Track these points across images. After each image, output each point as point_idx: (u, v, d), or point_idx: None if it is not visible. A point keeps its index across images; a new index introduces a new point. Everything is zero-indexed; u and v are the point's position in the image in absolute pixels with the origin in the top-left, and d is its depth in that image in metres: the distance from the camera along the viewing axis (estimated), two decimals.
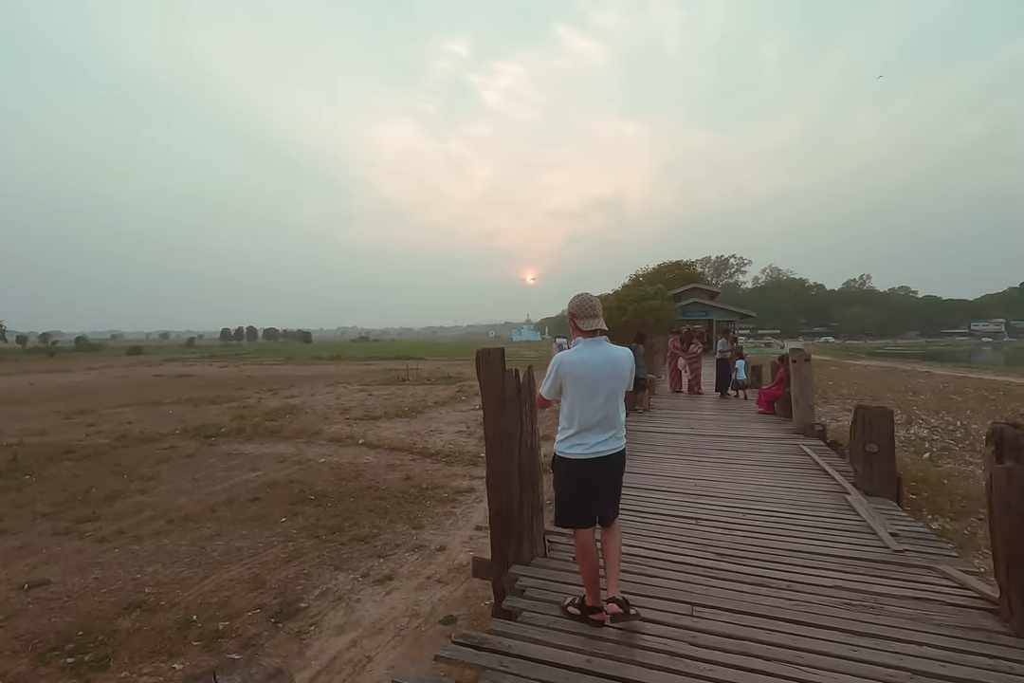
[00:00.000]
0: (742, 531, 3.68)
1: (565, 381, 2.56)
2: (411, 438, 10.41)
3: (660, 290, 29.20)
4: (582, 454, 2.54)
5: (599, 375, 2.53)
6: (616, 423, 2.60)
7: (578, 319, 2.60)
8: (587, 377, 2.53)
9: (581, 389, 2.53)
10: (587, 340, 2.59)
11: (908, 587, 2.86)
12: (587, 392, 2.53)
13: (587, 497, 2.61)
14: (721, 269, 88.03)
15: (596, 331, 2.59)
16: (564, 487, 2.64)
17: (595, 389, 2.53)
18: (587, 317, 2.57)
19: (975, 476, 7.26)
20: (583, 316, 2.58)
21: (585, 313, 2.58)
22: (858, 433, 4.69)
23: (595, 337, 2.59)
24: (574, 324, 2.63)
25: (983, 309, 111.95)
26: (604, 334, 2.65)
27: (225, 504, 6.44)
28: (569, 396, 2.57)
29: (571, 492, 2.61)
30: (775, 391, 8.57)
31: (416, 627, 3.80)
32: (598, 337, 2.61)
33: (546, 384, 2.65)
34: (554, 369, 2.58)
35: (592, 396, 2.53)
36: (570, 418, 2.57)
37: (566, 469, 2.60)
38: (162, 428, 11.78)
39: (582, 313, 2.58)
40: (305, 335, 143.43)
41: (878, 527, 3.68)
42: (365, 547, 5.16)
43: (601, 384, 2.53)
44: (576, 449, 2.55)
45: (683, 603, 2.68)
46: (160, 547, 5.20)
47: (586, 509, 2.62)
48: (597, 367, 2.53)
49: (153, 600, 4.16)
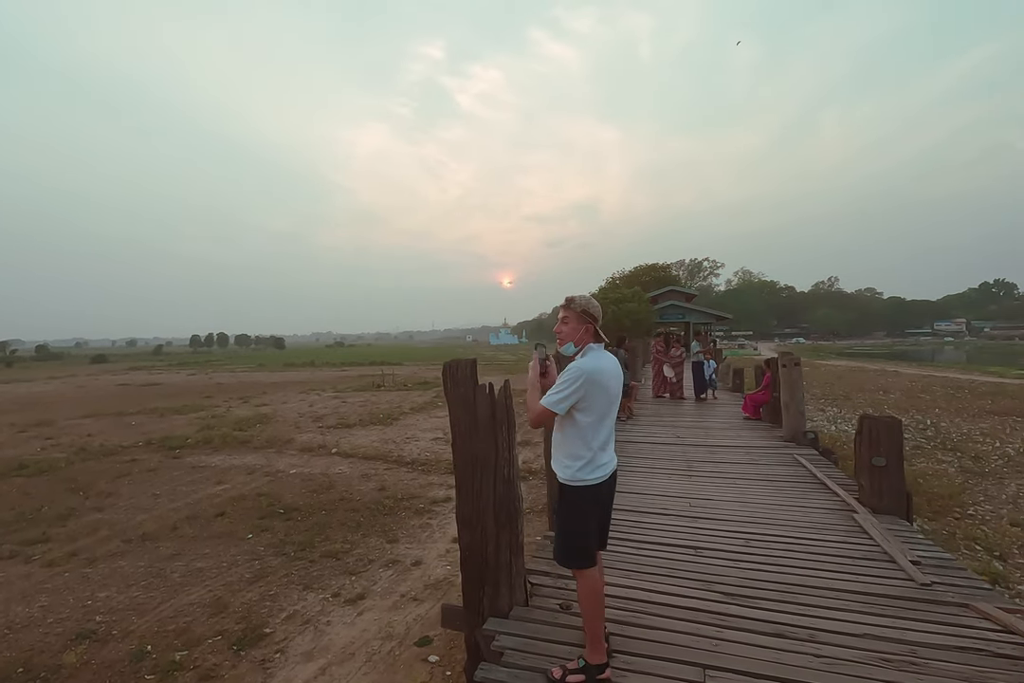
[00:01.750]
0: (749, 563, 3.33)
1: (591, 394, 2.21)
2: (386, 446, 10.14)
3: (638, 292, 29.39)
4: (602, 477, 2.28)
5: (615, 385, 2.32)
6: (613, 432, 2.41)
7: (597, 326, 2.34)
8: (612, 388, 2.28)
9: (604, 404, 2.26)
10: (598, 346, 2.35)
11: (946, 633, 2.51)
12: (608, 406, 2.29)
13: (595, 526, 2.36)
14: (695, 272, 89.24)
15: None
16: (580, 520, 2.30)
17: (614, 402, 2.32)
18: (599, 322, 2.37)
19: (948, 475, 7.35)
20: (600, 319, 2.36)
21: (600, 317, 2.36)
22: (864, 445, 4.31)
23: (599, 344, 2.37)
24: (589, 325, 2.32)
25: (945, 309, 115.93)
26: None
27: (188, 521, 6.11)
28: (592, 412, 2.24)
29: (588, 524, 2.31)
30: (761, 396, 8.46)
31: (390, 651, 3.58)
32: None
33: (558, 396, 2.20)
34: (579, 380, 2.17)
35: (611, 411, 2.32)
36: (588, 438, 2.26)
37: (587, 498, 2.29)
38: (124, 440, 11.27)
39: (597, 319, 2.35)
40: (278, 341, 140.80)
41: (896, 554, 3.36)
42: (336, 564, 4.92)
43: (617, 395, 2.33)
44: (597, 473, 2.27)
45: (692, 665, 2.30)
46: (115, 570, 4.88)
47: (594, 542, 2.36)
48: (611, 375, 2.30)
49: (104, 629, 3.87)
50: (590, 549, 2.32)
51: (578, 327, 2.33)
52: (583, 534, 2.30)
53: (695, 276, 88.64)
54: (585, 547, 2.31)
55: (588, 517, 2.31)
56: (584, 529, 2.31)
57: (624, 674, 2.27)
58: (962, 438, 9.63)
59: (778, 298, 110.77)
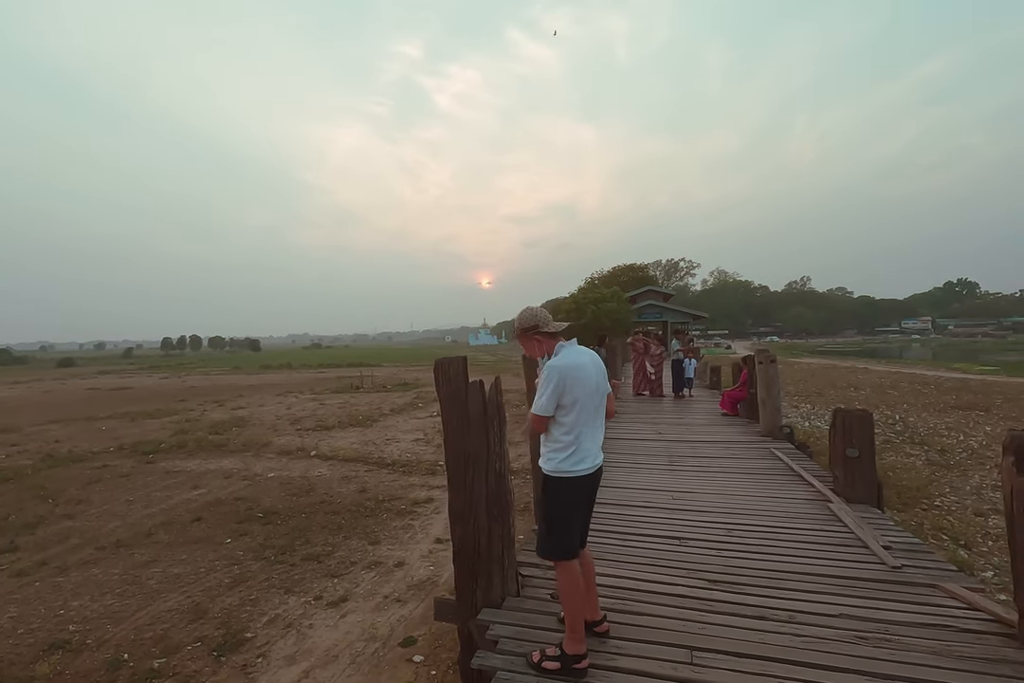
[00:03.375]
0: (731, 551, 3.45)
1: (570, 389, 2.27)
2: (366, 448, 10.06)
3: (616, 292, 29.64)
4: (585, 470, 2.32)
5: (595, 378, 2.36)
6: (602, 429, 2.45)
7: (542, 326, 2.40)
8: (590, 381, 2.32)
9: (584, 395, 2.30)
10: (566, 343, 2.41)
11: (917, 611, 2.66)
12: (590, 398, 2.33)
13: (578, 520, 2.40)
14: (672, 272, 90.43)
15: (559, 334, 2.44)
16: (563, 512, 2.35)
17: (595, 394, 2.36)
18: (548, 321, 2.42)
19: (916, 468, 7.59)
20: (545, 321, 2.41)
21: (544, 319, 2.41)
22: (837, 437, 4.49)
23: (565, 339, 2.43)
24: (536, 335, 2.40)
25: (912, 308, 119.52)
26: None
27: (163, 526, 5.98)
28: (573, 407, 2.29)
29: (571, 517, 2.35)
30: (738, 393, 8.64)
31: (374, 652, 3.57)
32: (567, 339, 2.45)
33: (542, 400, 2.28)
34: (554, 379, 2.25)
35: (593, 403, 2.35)
36: (572, 431, 2.30)
37: (570, 490, 2.33)
38: (94, 446, 10.96)
39: (543, 319, 2.41)
40: (253, 343, 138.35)
41: (869, 540, 3.52)
42: (318, 567, 4.87)
43: (598, 388, 2.37)
44: (581, 466, 2.30)
45: (680, 647, 2.40)
46: (88, 578, 4.75)
47: (576, 535, 2.40)
48: (589, 369, 2.35)
49: (78, 639, 3.77)
50: (572, 541, 2.36)
51: (529, 342, 2.44)
52: (565, 526, 2.35)
53: (672, 276, 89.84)
54: (567, 539, 2.35)
55: (570, 509, 2.35)
56: (566, 521, 2.35)
57: (615, 657, 2.35)
58: (929, 432, 9.96)
59: (753, 297, 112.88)
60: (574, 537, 2.38)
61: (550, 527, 2.37)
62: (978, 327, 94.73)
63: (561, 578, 2.35)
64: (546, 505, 2.38)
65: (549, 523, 2.38)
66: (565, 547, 2.35)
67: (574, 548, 2.37)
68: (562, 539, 2.35)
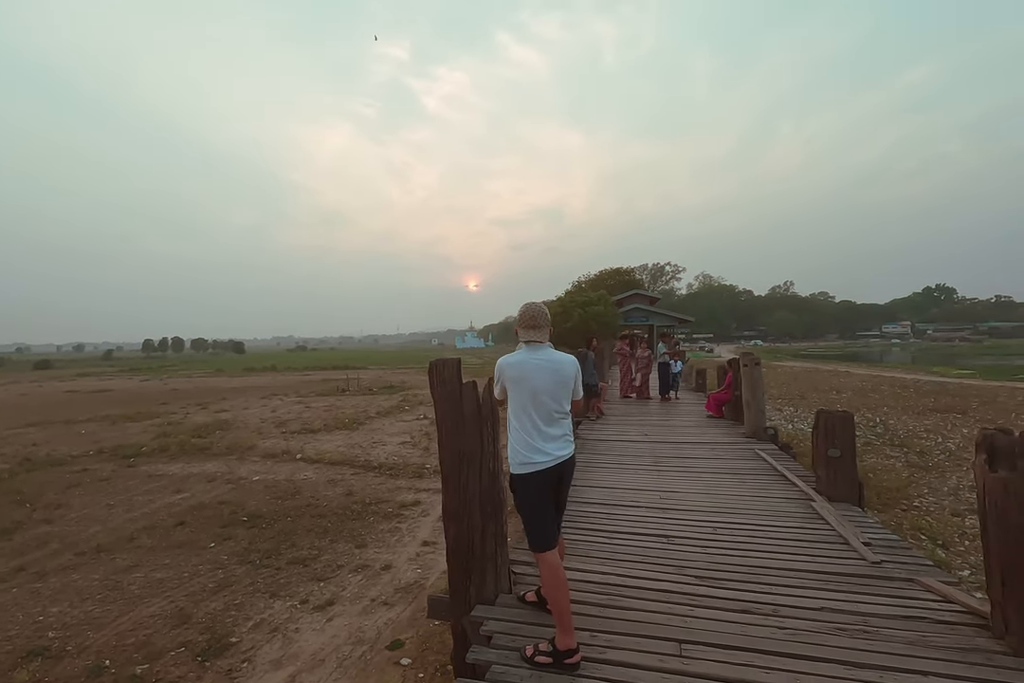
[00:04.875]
0: (716, 548, 3.53)
1: (509, 386, 2.51)
2: (352, 451, 10.00)
3: (603, 296, 29.77)
4: (540, 466, 2.42)
5: (542, 377, 2.47)
6: (565, 428, 2.54)
7: (519, 328, 2.59)
8: (530, 380, 2.46)
9: (520, 393, 2.47)
10: (528, 345, 2.56)
11: (894, 604, 2.75)
12: (529, 397, 2.46)
13: (550, 512, 2.50)
14: (658, 276, 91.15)
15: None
16: (532, 506, 2.48)
17: (538, 394, 2.46)
18: (526, 328, 2.56)
19: (896, 469, 7.74)
20: (523, 326, 2.58)
21: (524, 323, 2.57)
22: (820, 438, 4.59)
23: (537, 344, 2.56)
24: (518, 331, 2.61)
25: (892, 312, 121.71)
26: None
27: (145, 531, 5.89)
28: (514, 402, 2.50)
29: (538, 511, 2.47)
30: (723, 395, 8.74)
31: (361, 655, 3.56)
32: (542, 344, 2.57)
33: (496, 387, 2.62)
34: (497, 372, 2.56)
35: (533, 401, 2.46)
36: (519, 428, 2.47)
37: (530, 485, 2.46)
38: (73, 449, 10.76)
39: (522, 323, 2.58)
40: (237, 345, 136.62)
41: (850, 537, 3.61)
42: (304, 570, 4.84)
43: (544, 386, 2.47)
44: (536, 461, 2.41)
45: (668, 640, 2.46)
46: (67, 584, 4.67)
47: (551, 526, 2.49)
48: (538, 370, 2.47)
49: (58, 645, 3.71)
50: (546, 533, 2.46)
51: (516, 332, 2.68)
52: (537, 519, 2.46)
53: (658, 280, 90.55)
54: (541, 531, 2.46)
55: (536, 503, 2.46)
56: (536, 515, 2.47)
57: (605, 650, 2.40)
58: (908, 434, 10.16)
59: (737, 301, 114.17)
60: (547, 529, 2.47)
61: (527, 522, 2.50)
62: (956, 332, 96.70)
63: (542, 570, 2.46)
64: (516, 503, 2.54)
65: (525, 519, 2.51)
66: (541, 539, 2.45)
67: (548, 540, 2.46)
68: (537, 531, 2.46)
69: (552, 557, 2.43)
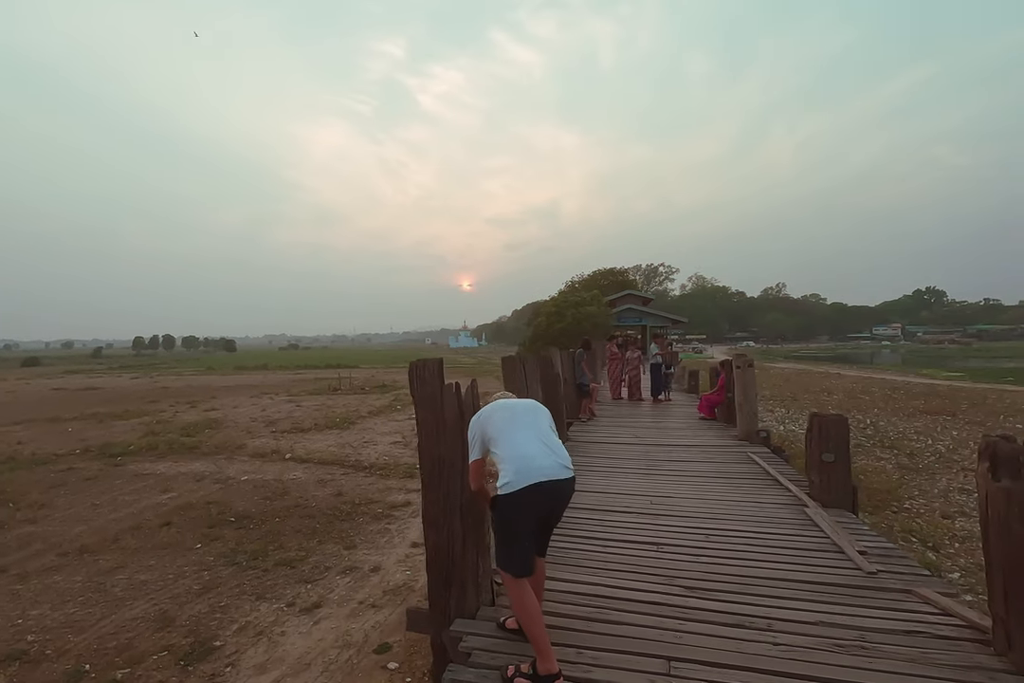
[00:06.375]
0: (708, 557, 3.41)
1: (488, 427, 2.47)
2: (343, 451, 9.93)
3: (596, 296, 29.80)
4: (520, 484, 2.26)
5: (518, 406, 2.60)
6: (557, 450, 2.43)
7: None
8: (510, 410, 2.54)
9: (508, 421, 2.48)
10: (500, 395, 2.81)
11: (892, 618, 2.65)
12: (510, 421, 2.48)
13: (524, 537, 2.35)
14: (651, 277, 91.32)
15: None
16: (507, 528, 2.34)
17: (519, 416, 2.52)
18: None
19: (886, 471, 7.77)
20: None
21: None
22: (814, 442, 4.50)
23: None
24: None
25: (883, 315, 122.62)
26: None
27: (130, 531, 5.80)
28: (500, 436, 2.43)
29: (512, 533, 2.33)
30: (716, 397, 8.71)
31: (348, 659, 3.50)
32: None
33: (470, 449, 2.54)
34: (472, 426, 2.55)
35: (523, 424, 2.48)
36: (507, 454, 2.36)
37: (510, 506, 2.30)
38: (59, 448, 10.61)
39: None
40: (229, 343, 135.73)
41: (845, 545, 3.52)
42: (291, 572, 4.77)
43: (526, 415, 2.54)
44: (518, 481, 2.26)
45: (658, 658, 2.33)
46: (49, 586, 4.58)
47: (522, 551, 2.34)
48: (514, 406, 2.59)
49: (37, 649, 3.62)
50: (517, 556, 2.31)
51: None
52: (510, 541, 2.33)
53: (651, 281, 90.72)
54: (511, 553, 2.32)
55: (513, 525, 2.32)
56: (510, 536, 2.34)
57: (591, 669, 2.28)
58: (898, 436, 10.21)
59: (730, 303, 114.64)
60: (520, 552, 2.32)
61: (498, 542, 2.42)
62: (945, 334, 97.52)
63: (509, 594, 2.34)
64: (494, 521, 2.45)
65: (497, 538, 2.44)
66: (510, 561, 2.32)
67: (521, 564, 2.31)
68: (507, 553, 2.34)
69: (522, 584, 2.30)
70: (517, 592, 2.27)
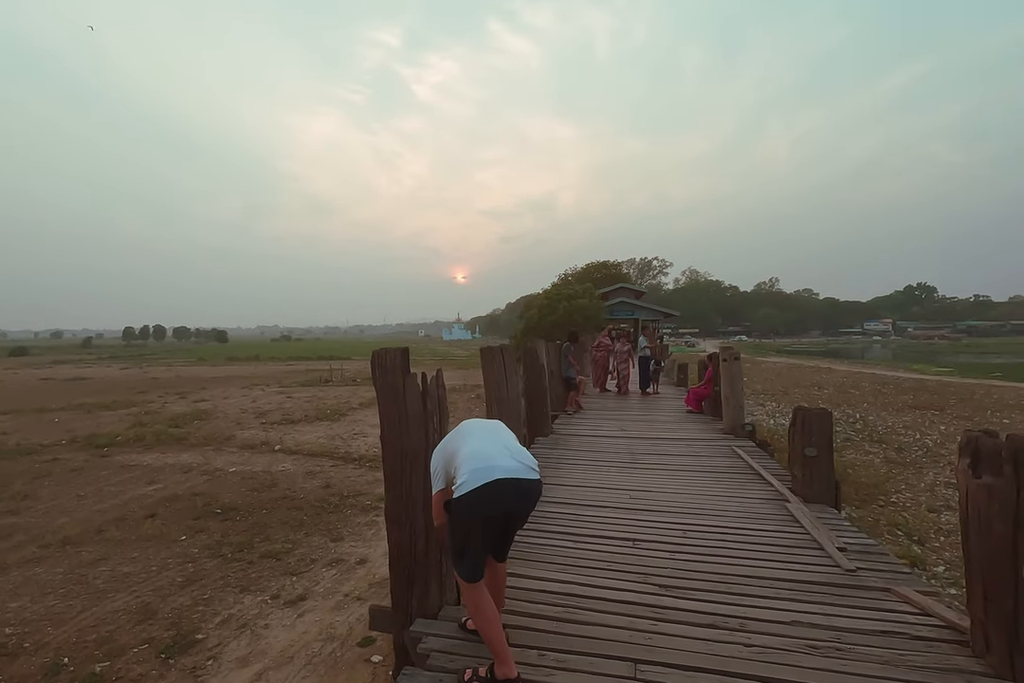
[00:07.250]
0: (685, 554, 3.33)
1: (447, 447, 2.34)
2: (333, 443, 9.89)
3: (589, 289, 29.73)
4: (475, 483, 2.10)
5: (482, 424, 2.46)
6: (520, 453, 2.29)
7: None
8: (469, 427, 2.41)
9: (468, 433, 2.35)
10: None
11: (870, 618, 2.59)
12: (477, 433, 2.35)
13: (477, 540, 2.20)
14: (645, 270, 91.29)
15: None
16: (460, 531, 2.20)
17: (485, 430, 2.39)
18: None
19: (874, 465, 7.81)
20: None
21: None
22: (797, 436, 4.42)
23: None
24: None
25: (874, 310, 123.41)
26: None
27: (114, 523, 5.74)
28: (459, 446, 2.28)
29: (465, 536, 2.19)
30: (703, 390, 8.70)
31: (331, 652, 3.48)
32: None
33: (432, 481, 2.34)
34: (434, 456, 2.39)
35: (485, 433, 2.36)
36: (464, 456, 2.22)
37: (462, 509, 2.15)
38: (44, 438, 10.51)
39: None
40: (220, 334, 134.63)
41: (825, 541, 3.46)
42: (277, 564, 4.74)
43: (489, 429, 2.42)
44: (473, 481, 2.10)
45: (624, 660, 2.24)
46: (29, 578, 4.52)
47: (475, 555, 2.20)
48: (478, 422, 2.47)
49: (15, 642, 3.58)
50: (468, 561, 2.19)
51: None
52: (463, 544, 2.20)
53: (645, 274, 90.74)
54: (463, 558, 2.20)
55: (466, 527, 2.19)
56: (463, 539, 2.20)
57: (553, 672, 2.19)
58: (887, 431, 10.27)
59: (723, 297, 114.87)
60: (472, 557, 2.19)
61: (451, 543, 2.28)
62: (935, 330, 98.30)
63: (463, 598, 2.26)
64: (448, 524, 2.30)
65: (451, 540, 2.30)
66: (462, 564, 2.20)
67: (472, 568, 2.19)
68: (459, 556, 2.21)
69: (478, 588, 2.20)
70: (471, 595, 2.19)
